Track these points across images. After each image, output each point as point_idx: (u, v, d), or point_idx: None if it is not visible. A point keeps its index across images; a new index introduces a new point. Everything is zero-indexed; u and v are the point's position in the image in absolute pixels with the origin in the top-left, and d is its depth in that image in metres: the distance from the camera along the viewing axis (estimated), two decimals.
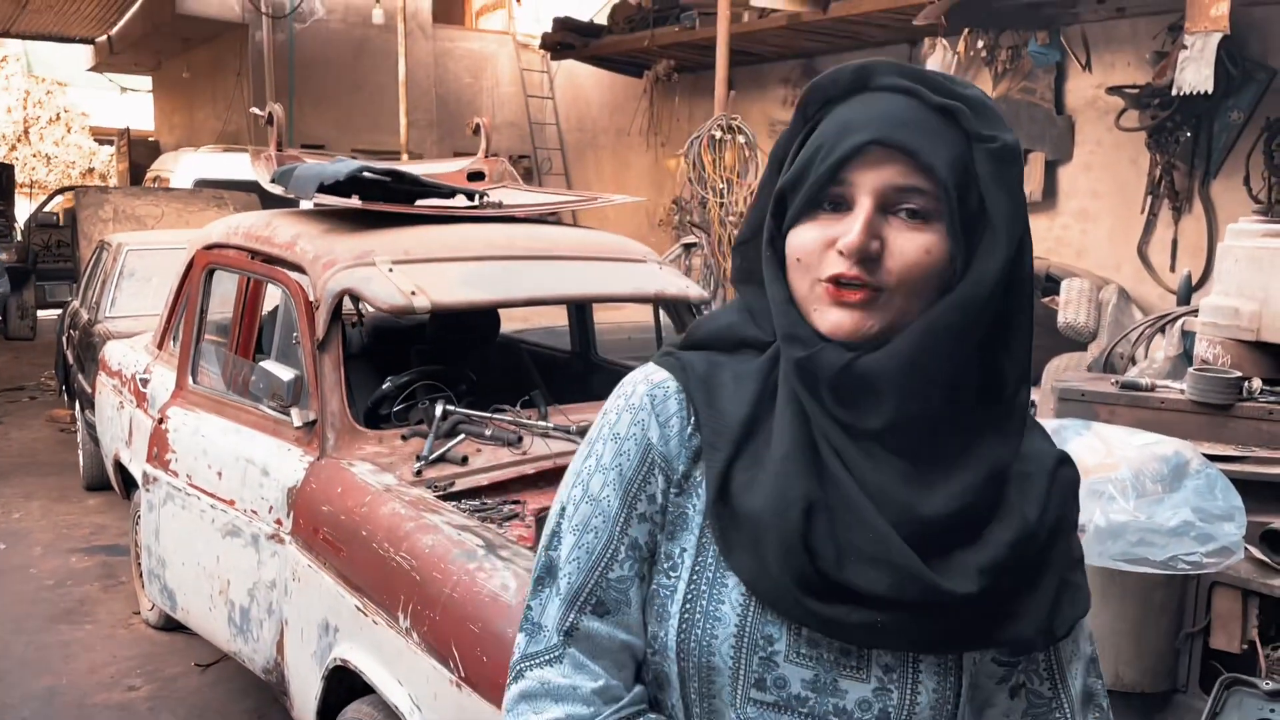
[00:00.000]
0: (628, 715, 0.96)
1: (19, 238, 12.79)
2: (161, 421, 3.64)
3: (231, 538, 3.20)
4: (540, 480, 2.98)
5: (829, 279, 0.92)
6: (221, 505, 3.24)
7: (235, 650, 3.30)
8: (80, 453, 6.67)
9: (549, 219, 4.24)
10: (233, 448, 3.27)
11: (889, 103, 0.93)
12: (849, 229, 0.91)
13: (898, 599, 0.89)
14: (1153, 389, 2.53)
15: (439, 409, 3.08)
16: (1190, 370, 2.47)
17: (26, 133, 26.22)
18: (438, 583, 2.24)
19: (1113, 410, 2.53)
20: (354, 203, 3.53)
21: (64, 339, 7.74)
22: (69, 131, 26.65)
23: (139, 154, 16.51)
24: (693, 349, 1.04)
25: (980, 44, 9.20)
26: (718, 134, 5.73)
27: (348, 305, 4.06)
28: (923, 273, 0.91)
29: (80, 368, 6.57)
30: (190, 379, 3.70)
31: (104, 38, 16.59)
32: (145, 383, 4.21)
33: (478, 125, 4.44)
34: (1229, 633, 2.23)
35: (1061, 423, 2.42)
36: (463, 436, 3.06)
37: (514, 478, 2.96)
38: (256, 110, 4.32)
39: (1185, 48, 5.64)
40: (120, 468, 4.50)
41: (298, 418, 3.06)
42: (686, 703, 0.97)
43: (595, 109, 15.04)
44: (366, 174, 3.60)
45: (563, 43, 13.31)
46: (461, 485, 2.89)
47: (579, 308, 4.65)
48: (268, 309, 3.87)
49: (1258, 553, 2.25)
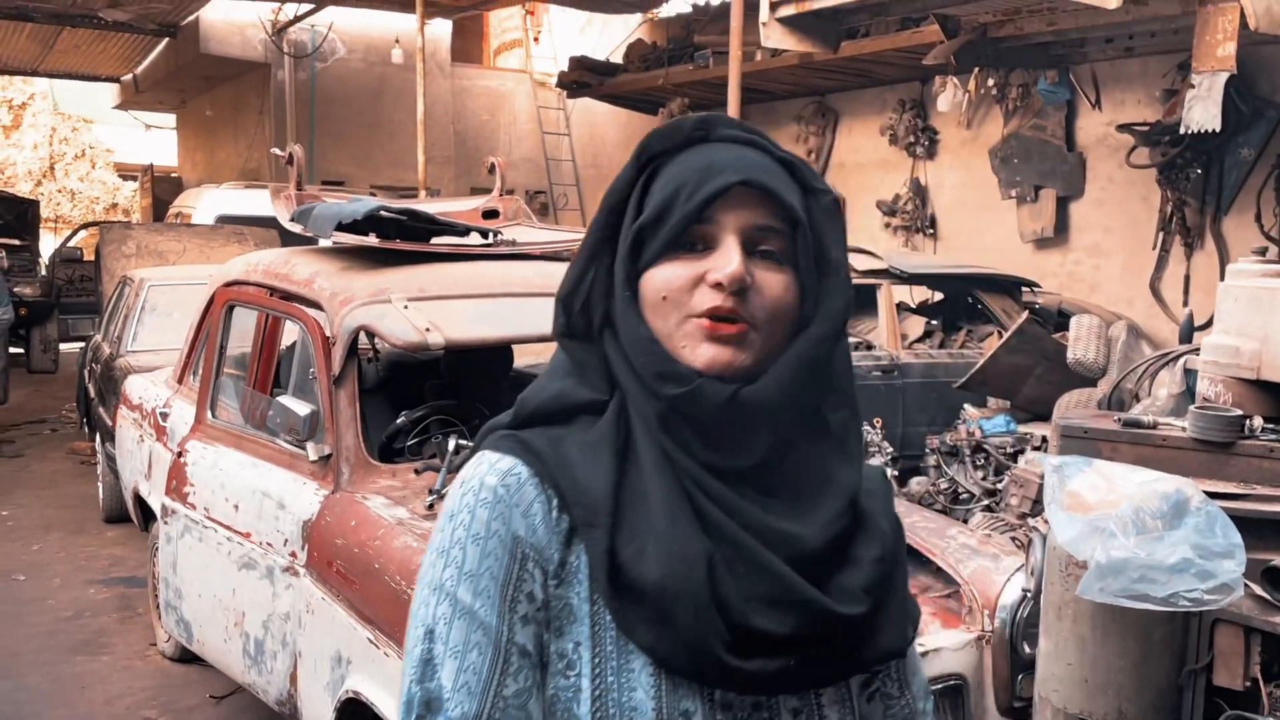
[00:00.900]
0: None
1: (43, 272, 12.99)
2: (180, 455, 3.71)
3: (247, 570, 3.25)
4: None
5: (704, 313, 0.92)
6: (238, 538, 3.29)
7: (250, 682, 3.34)
8: (100, 485, 6.75)
9: (564, 255, 4.31)
10: (250, 481, 3.33)
11: (740, 151, 0.96)
12: (723, 262, 0.92)
13: (806, 635, 0.90)
14: (1155, 426, 2.56)
15: (451, 443, 3.13)
16: (1191, 408, 2.49)
17: (52, 168, 26.64)
18: None
19: (1115, 447, 2.56)
20: (371, 241, 3.61)
21: (86, 372, 7.86)
22: (94, 167, 27.07)
23: (162, 190, 16.76)
24: (525, 425, 0.97)
25: (991, 82, 9.29)
26: None
27: (364, 341, 4.14)
28: (785, 310, 0.94)
29: (101, 401, 6.66)
30: (209, 413, 3.76)
31: (129, 76, 16.91)
32: (165, 416, 4.28)
33: (492, 165, 4.53)
34: (1231, 670, 2.24)
35: (1064, 459, 2.45)
36: None
37: None
38: (277, 151, 4.42)
39: (1193, 86, 5.69)
40: (139, 500, 4.57)
41: (313, 452, 3.12)
42: None
43: (610, 146, 15.21)
44: (383, 213, 3.68)
45: (579, 81, 13.51)
46: None
47: None
48: (286, 345, 3.94)
49: (1259, 590, 2.26)
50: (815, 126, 12.20)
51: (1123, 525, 2.20)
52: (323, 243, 3.91)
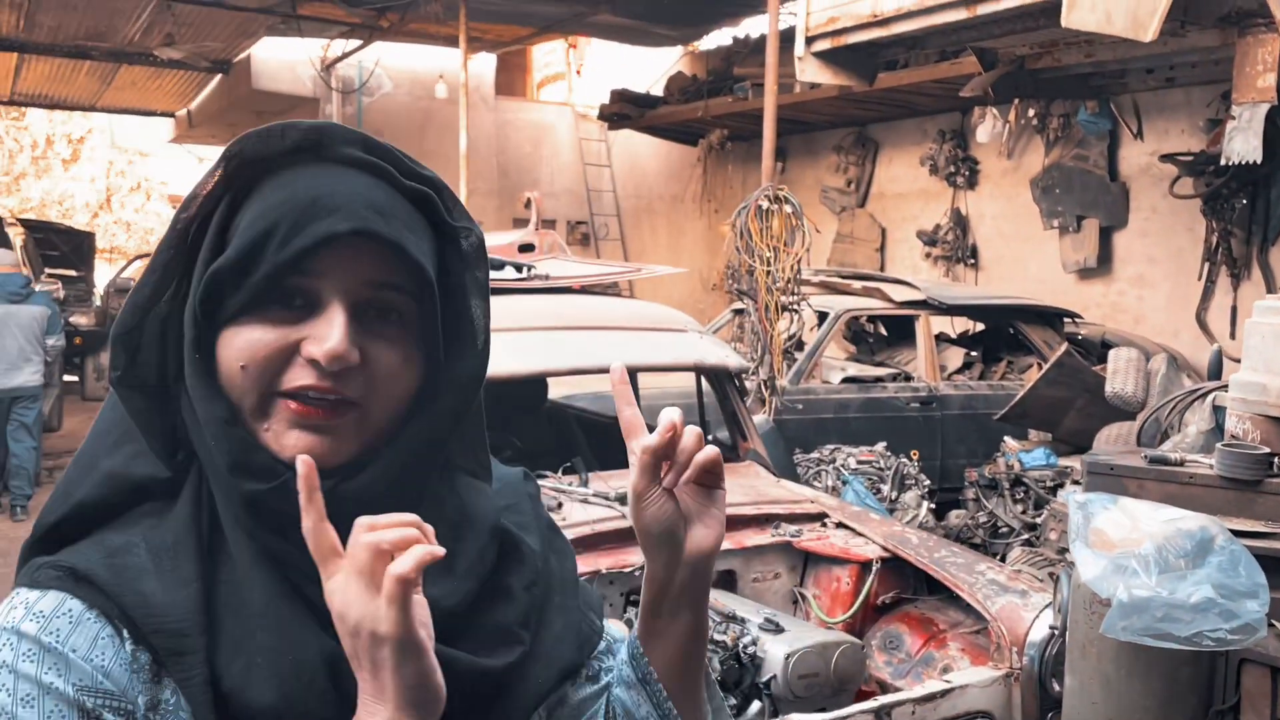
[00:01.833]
0: None
1: (98, 302, 13.33)
2: None
3: None
4: (579, 545, 3.06)
5: (294, 392, 0.75)
6: None
7: None
8: None
9: (597, 289, 4.37)
10: None
11: (357, 181, 0.78)
12: (324, 333, 0.75)
13: (470, 706, 0.79)
14: (1182, 464, 2.55)
15: None
16: (1218, 446, 2.48)
17: (109, 201, 27.38)
18: None
19: (1141, 484, 2.55)
20: None
21: None
22: (149, 200, 27.78)
23: None
24: (73, 528, 0.78)
25: (1031, 112, 9.26)
26: (764, 204, 5.85)
27: None
28: (400, 388, 0.79)
29: None
30: None
31: (184, 112, 17.37)
32: None
33: (528, 199, 4.61)
34: (1259, 711, 2.22)
35: (1088, 496, 2.44)
36: None
37: None
38: None
39: (1234, 118, 5.65)
40: None
41: None
42: None
43: (651, 177, 15.33)
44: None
45: (620, 113, 13.67)
46: None
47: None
48: None
49: None
50: (855, 156, 12.22)
51: (1145, 564, 2.19)
52: None
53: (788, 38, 7.38)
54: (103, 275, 16.67)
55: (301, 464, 0.71)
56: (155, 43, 11.12)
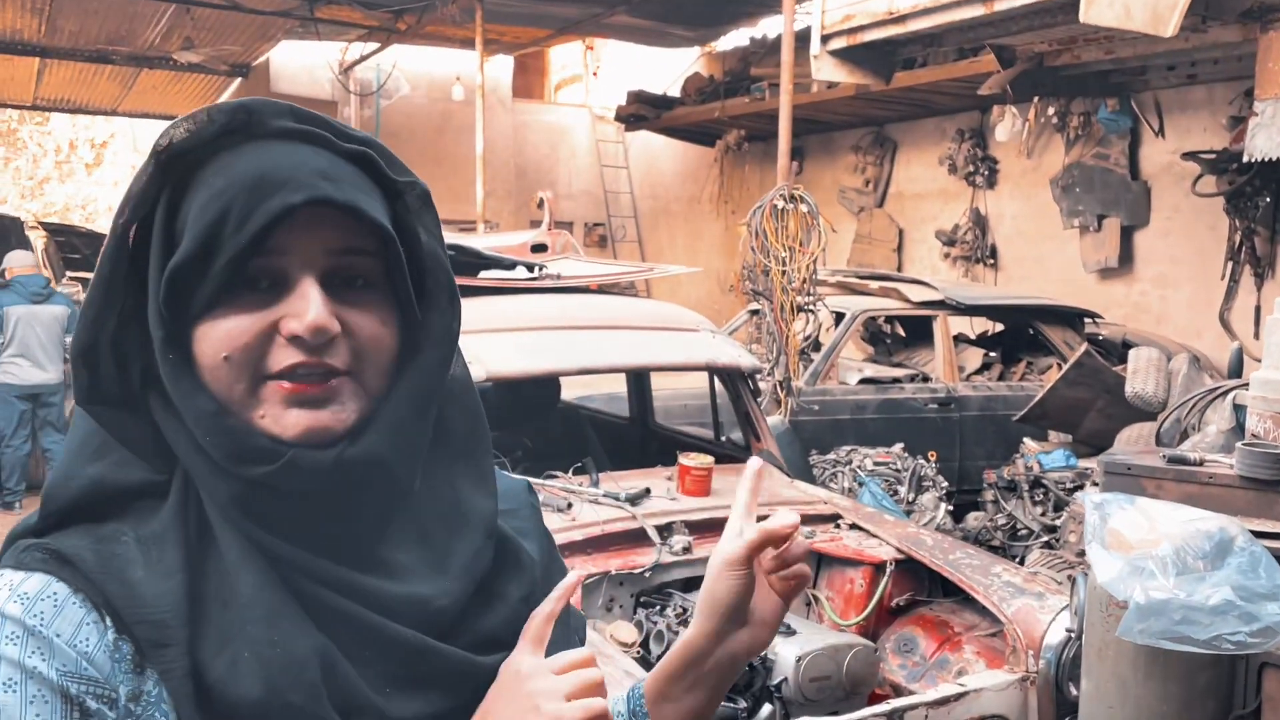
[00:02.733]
0: None
1: None
2: None
3: None
4: (588, 546, 3.04)
5: (283, 373, 0.75)
6: None
7: None
8: None
9: (613, 289, 4.35)
10: None
11: (297, 152, 0.77)
12: (300, 308, 0.75)
13: (457, 707, 0.79)
14: (1201, 463, 2.50)
15: None
16: (1239, 445, 2.43)
17: None
18: None
19: (1160, 485, 2.50)
20: None
21: None
22: None
23: None
24: (60, 525, 0.76)
25: (1051, 110, 9.18)
26: (780, 204, 5.81)
27: None
28: (384, 348, 0.79)
29: None
30: None
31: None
32: None
33: (541, 200, 4.60)
34: None
35: (1105, 497, 2.40)
36: None
37: (562, 544, 3.02)
38: None
39: (1256, 114, 5.57)
40: None
41: None
42: None
43: (668, 178, 15.30)
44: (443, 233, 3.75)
45: (637, 114, 13.66)
46: None
47: (637, 376, 4.73)
48: None
49: None
50: (873, 156, 12.15)
51: (1163, 565, 2.15)
52: None
53: (804, 37, 7.34)
54: None
55: (574, 577, 0.81)
56: (174, 47, 11.18)
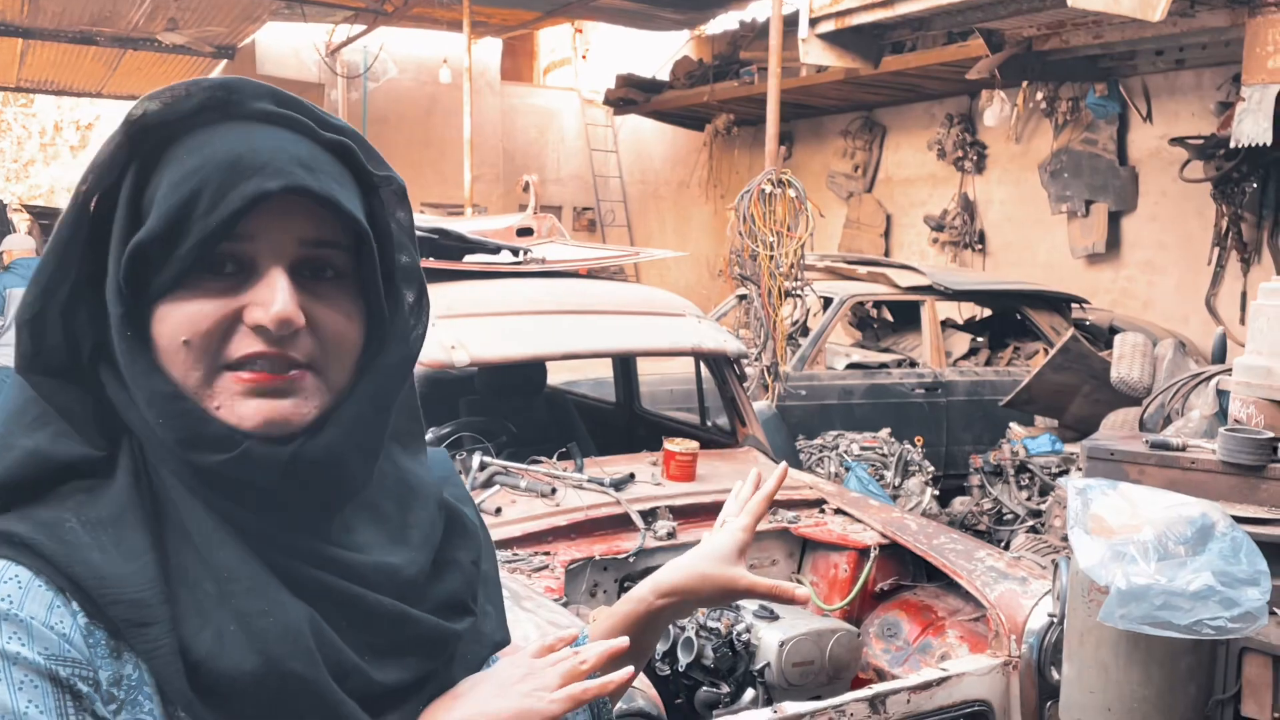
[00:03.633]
0: None
1: None
2: None
3: None
4: (572, 531, 3.03)
5: (242, 361, 0.73)
6: None
7: None
8: None
9: (602, 274, 4.33)
10: None
11: (276, 137, 0.75)
12: (267, 298, 0.73)
13: (430, 673, 0.81)
14: (1183, 449, 2.50)
15: (475, 460, 3.16)
16: (1221, 430, 2.43)
17: None
18: None
19: (1142, 470, 2.50)
20: None
21: None
22: None
23: None
24: None
25: (1039, 95, 9.17)
26: (767, 188, 5.79)
27: None
28: (348, 344, 0.77)
29: None
30: None
31: None
32: None
33: (527, 183, 4.57)
34: (1260, 700, 2.18)
35: (1088, 482, 2.40)
36: (498, 488, 3.12)
37: (546, 529, 3.01)
38: None
39: (1243, 100, 5.57)
40: None
41: None
42: None
43: (657, 162, 15.25)
44: (416, 232, 3.72)
45: (626, 98, 13.59)
46: (494, 535, 2.95)
47: (623, 361, 4.72)
48: None
49: None
50: (862, 141, 12.13)
51: (1144, 550, 2.15)
52: None
53: (793, 21, 7.30)
54: None
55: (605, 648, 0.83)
56: (159, 28, 11.07)
